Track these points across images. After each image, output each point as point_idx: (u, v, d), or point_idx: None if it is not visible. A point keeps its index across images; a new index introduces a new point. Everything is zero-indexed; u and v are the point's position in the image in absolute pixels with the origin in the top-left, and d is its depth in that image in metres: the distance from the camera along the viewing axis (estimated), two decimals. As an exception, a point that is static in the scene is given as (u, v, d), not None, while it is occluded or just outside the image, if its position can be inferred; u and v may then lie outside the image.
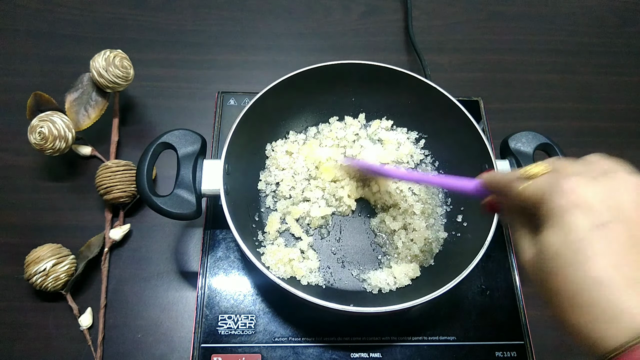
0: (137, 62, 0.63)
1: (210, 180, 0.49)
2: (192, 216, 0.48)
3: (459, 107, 0.54)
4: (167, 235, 0.59)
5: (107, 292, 0.55)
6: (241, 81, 0.71)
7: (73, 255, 0.54)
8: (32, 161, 0.63)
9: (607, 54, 0.79)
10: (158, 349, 0.53)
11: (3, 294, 0.55)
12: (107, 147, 0.62)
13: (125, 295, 0.55)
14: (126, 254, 0.58)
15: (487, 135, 0.65)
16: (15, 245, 0.56)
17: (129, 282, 0.56)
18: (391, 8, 0.80)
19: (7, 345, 0.52)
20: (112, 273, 0.56)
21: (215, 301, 0.53)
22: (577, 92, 0.74)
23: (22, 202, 0.60)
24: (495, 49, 0.78)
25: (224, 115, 0.64)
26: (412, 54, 0.74)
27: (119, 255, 0.57)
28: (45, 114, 0.56)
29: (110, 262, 0.57)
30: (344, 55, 0.71)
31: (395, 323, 0.53)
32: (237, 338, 0.51)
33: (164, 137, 0.49)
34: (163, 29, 0.75)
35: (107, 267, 0.56)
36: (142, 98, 0.69)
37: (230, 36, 0.75)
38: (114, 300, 0.55)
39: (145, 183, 0.47)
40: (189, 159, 0.49)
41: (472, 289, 0.55)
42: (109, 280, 0.56)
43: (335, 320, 0.52)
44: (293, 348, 0.51)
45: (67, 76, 0.62)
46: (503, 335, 0.52)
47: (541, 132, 0.55)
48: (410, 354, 0.51)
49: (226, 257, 0.55)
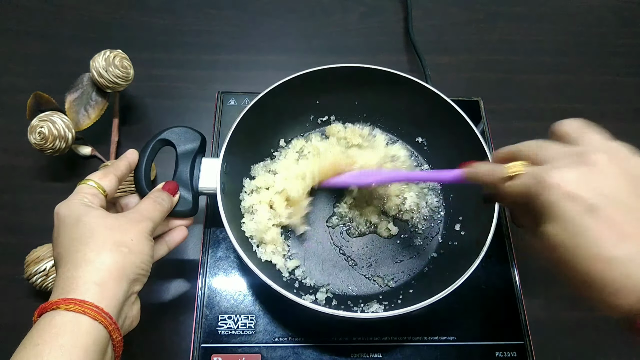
0: (137, 62, 0.63)
1: (207, 179, 0.49)
2: (188, 213, 0.48)
3: (457, 110, 0.54)
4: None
5: (107, 292, 0.55)
6: (241, 81, 0.71)
7: (73, 255, 0.54)
8: (32, 161, 0.63)
9: (607, 54, 0.79)
10: (158, 348, 0.53)
11: (3, 294, 0.55)
12: (107, 147, 0.62)
13: (125, 295, 0.55)
14: (126, 254, 0.57)
15: (487, 136, 0.65)
16: (15, 245, 0.56)
17: (129, 282, 0.56)
18: (391, 9, 0.80)
19: (7, 346, 0.52)
20: (112, 273, 0.56)
21: (215, 301, 0.53)
22: (577, 92, 0.74)
23: (22, 202, 0.60)
24: (495, 49, 0.78)
25: (224, 115, 0.64)
26: (412, 54, 0.74)
27: (119, 256, 0.57)
28: (45, 114, 0.56)
29: (110, 262, 0.57)
30: (345, 56, 0.71)
31: (395, 323, 0.53)
32: (237, 338, 0.51)
33: (164, 133, 0.50)
34: (163, 29, 0.75)
35: (107, 267, 0.56)
36: (142, 98, 0.69)
37: (230, 36, 0.75)
38: (114, 300, 0.55)
39: (143, 180, 0.47)
40: (188, 156, 0.49)
41: (472, 289, 0.55)
42: (109, 281, 0.55)
43: (336, 321, 0.51)
44: (293, 348, 0.51)
45: (67, 76, 0.62)
46: (503, 335, 0.52)
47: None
48: (410, 354, 0.51)
49: (226, 257, 0.55)
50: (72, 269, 0.35)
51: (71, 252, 0.36)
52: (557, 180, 0.27)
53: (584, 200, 0.26)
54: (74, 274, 0.34)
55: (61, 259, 0.36)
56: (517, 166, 0.31)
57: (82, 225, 0.37)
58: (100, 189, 0.42)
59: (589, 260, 0.26)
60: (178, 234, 0.47)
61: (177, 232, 0.47)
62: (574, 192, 0.26)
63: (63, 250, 0.37)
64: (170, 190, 0.46)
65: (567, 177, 0.27)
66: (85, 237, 0.36)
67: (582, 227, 0.26)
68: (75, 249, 0.36)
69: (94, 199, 0.40)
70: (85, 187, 0.41)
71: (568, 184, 0.27)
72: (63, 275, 0.35)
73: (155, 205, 0.42)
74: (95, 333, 0.32)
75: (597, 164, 0.27)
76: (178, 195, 0.47)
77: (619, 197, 0.26)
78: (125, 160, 0.46)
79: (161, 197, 0.44)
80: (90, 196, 0.40)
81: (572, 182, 0.27)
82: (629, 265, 0.25)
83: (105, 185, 0.42)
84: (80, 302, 0.32)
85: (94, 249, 0.36)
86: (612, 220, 0.26)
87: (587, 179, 0.27)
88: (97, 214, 0.38)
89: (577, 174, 0.27)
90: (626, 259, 0.25)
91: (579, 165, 0.28)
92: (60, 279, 0.35)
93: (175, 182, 0.47)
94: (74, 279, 0.34)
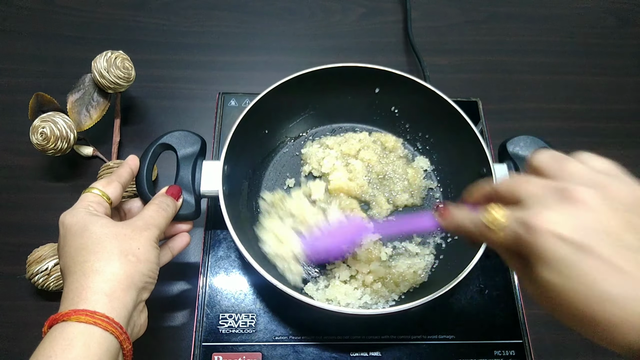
0: (139, 63, 0.63)
1: (209, 181, 0.49)
2: (192, 217, 0.48)
3: (458, 111, 0.55)
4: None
5: (108, 292, 0.55)
6: (242, 82, 0.71)
7: (75, 254, 0.55)
8: (34, 161, 0.63)
9: (606, 54, 0.79)
10: (159, 347, 0.53)
11: (5, 293, 0.55)
12: (109, 147, 0.63)
13: (126, 294, 0.55)
14: (127, 254, 0.58)
15: (486, 137, 0.65)
16: (17, 244, 0.57)
17: (130, 281, 0.56)
18: (391, 9, 0.81)
19: (9, 345, 0.52)
20: (113, 272, 0.56)
21: (216, 300, 0.53)
22: (577, 93, 0.75)
23: (24, 201, 0.61)
24: (494, 50, 0.78)
25: (225, 116, 0.64)
26: (411, 55, 0.75)
27: (120, 255, 0.58)
28: (47, 115, 0.57)
29: (112, 261, 0.57)
30: (344, 57, 0.71)
31: (395, 322, 0.53)
32: (238, 337, 0.51)
33: (164, 138, 0.50)
34: (164, 30, 0.76)
35: (109, 267, 0.56)
36: (144, 99, 0.69)
37: (231, 37, 0.76)
38: (115, 299, 0.55)
39: (145, 184, 0.47)
40: (189, 160, 0.50)
41: (471, 288, 0.55)
42: (111, 280, 0.56)
43: (335, 319, 0.52)
44: (293, 347, 0.51)
45: (69, 77, 0.62)
46: (502, 335, 0.53)
47: (541, 132, 0.55)
48: (409, 353, 0.51)
49: (227, 257, 0.56)
50: (80, 279, 0.35)
51: (79, 262, 0.36)
52: (544, 223, 0.26)
53: (575, 240, 0.25)
54: (82, 284, 0.35)
55: (68, 268, 0.37)
56: (498, 218, 0.29)
57: (88, 235, 0.37)
58: (104, 196, 0.42)
59: (585, 301, 0.25)
60: (181, 240, 0.48)
61: (180, 239, 0.48)
62: (563, 233, 0.26)
63: (70, 260, 0.37)
64: (173, 194, 0.46)
65: (554, 218, 0.26)
66: (93, 246, 0.37)
67: (575, 269, 0.25)
68: (82, 259, 0.36)
69: (99, 207, 0.41)
70: (90, 195, 0.41)
71: (556, 226, 0.26)
72: (71, 286, 0.35)
73: (160, 212, 0.43)
74: (106, 344, 0.33)
75: (584, 201, 0.26)
76: (181, 200, 0.47)
77: (610, 233, 0.26)
78: (127, 167, 0.46)
79: (165, 202, 0.44)
80: (96, 204, 0.41)
81: (560, 223, 0.26)
82: (626, 303, 0.24)
83: (110, 193, 0.42)
84: (91, 313, 0.33)
85: (102, 258, 0.36)
86: (605, 259, 0.25)
87: (575, 218, 0.26)
88: (103, 223, 0.38)
89: (564, 214, 0.26)
90: (621, 297, 0.24)
91: (564, 203, 0.27)
92: (68, 290, 0.35)
93: (178, 186, 0.47)
94: (82, 289, 0.34)
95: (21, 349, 0.52)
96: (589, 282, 0.25)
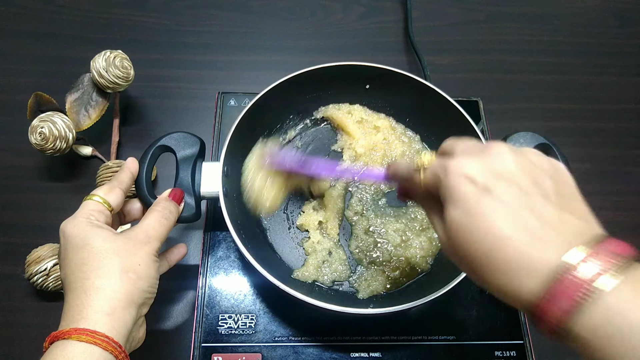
0: (138, 63, 0.63)
1: (209, 183, 0.49)
2: (192, 219, 0.48)
3: (459, 110, 0.54)
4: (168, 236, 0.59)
5: (107, 292, 0.55)
6: (241, 82, 0.71)
7: (74, 255, 0.54)
8: (33, 161, 0.63)
9: (607, 54, 0.79)
10: (158, 348, 0.53)
11: (4, 293, 0.55)
12: (108, 147, 0.63)
13: (125, 295, 0.55)
14: (127, 254, 0.58)
15: (487, 136, 0.65)
16: (16, 245, 0.57)
17: (130, 282, 0.56)
18: (391, 9, 0.81)
19: (8, 345, 0.52)
20: (112, 273, 0.56)
21: (216, 301, 0.53)
22: (577, 93, 0.75)
23: (23, 202, 0.60)
24: (494, 50, 0.78)
25: (225, 116, 0.64)
26: (411, 54, 0.74)
27: (119, 255, 0.57)
28: (46, 115, 0.56)
29: (111, 262, 0.57)
30: (344, 56, 0.71)
31: (395, 322, 0.53)
32: (238, 337, 0.51)
33: (163, 140, 0.49)
34: (163, 29, 0.75)
35: (108, 267, 0.56)
36: (143, 98, 0.69)
37: (230, 36, 0.76)
38: (114, 300, 0.55)
39: (145, 188, 0.47)
40: (188, 161, 0.49)
41: (472, 288, 0.55)
42: (110, 280, 0.56)
43: (335, 320, 0.52)
44: (293, 347, 0.51)
45: (68, 77, 0.62)
46: (502, 335, 0.53)
47: (541, 132, 0.55)
48: (409, 354, 0.51)
49: (226, 257, 0.56)
50: (81, 296, 0.35)
51: (79, 279, 0.36)
52: (457, 164, 0.29)
53: (479, 182, 0.27)
54: (83, 302, 0.35)
55: (69, 284, 0.37)
56: (425, 162, 0.33)
57: (89, 250, 0.37)
58: (106, 204, 0.42)
59: (485, 240, 0.26)
60: (179, 252, 0.49)
61: (177, 250, 0.49)
62: (470, 174, 0.28)
63: (71, 275, 0.37)
64: (176, 198, 0.46)
65: (467, 163, 0.29)
66: (93, 263, 0.37)
67: (477, 208, 0.27)
68: (83, 276, 0.36)
69: (100, 217, 0.40)
70: (91, 203, 0.41)
71: (467, 169, 0.28)
72: (72, 303, 0.35)
73: (162, 221, 0.42)
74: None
75: (499, 154, 0.29)
76: (183, 203, 0.47)
77: (515, 184, 0.27)
78: (127, 171, 0.46)
79: (168, 209, 0.44)
80: (97, 213, 0.40)
81: (471, 167, 0.28)
82: (522, 246, 0.25)
83: (111, 200, 0.42)
84: (92, 333, 0.33)
85: (102, 275, 0.36)
86: (505, 202, 0.26)
87: (485, 164, 0.28)
88: (104, 237, 0.38)
89: (477, 160, 0.29)
90: (520, 238, 0.25)
91: (483, 153, 0.29)
92: (69, 306, 0.36)
93: (180, 189, 0.47)
94: (84, 307, 0.35)
95: (20, 349, 0.51)
96: (488, 222, 0.26)
